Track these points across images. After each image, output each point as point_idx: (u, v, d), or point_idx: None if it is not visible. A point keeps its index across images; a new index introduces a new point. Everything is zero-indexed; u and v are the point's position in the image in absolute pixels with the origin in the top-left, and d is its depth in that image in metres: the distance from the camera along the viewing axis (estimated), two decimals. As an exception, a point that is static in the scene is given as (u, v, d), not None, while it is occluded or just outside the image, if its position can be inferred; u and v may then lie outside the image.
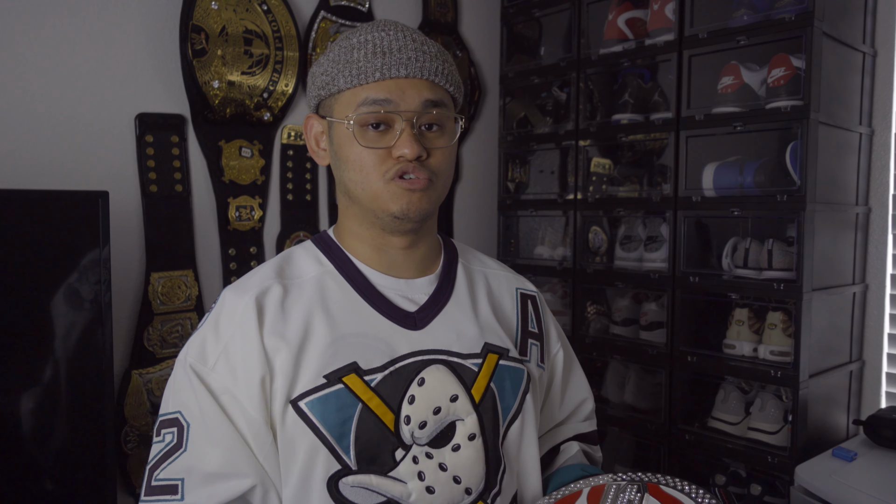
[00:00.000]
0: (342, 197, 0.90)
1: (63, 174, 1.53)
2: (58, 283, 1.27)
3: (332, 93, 0.85)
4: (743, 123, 1.68)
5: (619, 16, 1.96)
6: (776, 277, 1.65)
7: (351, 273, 0.89)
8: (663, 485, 0.76)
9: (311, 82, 0.89)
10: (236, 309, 0.83)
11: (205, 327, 0.85)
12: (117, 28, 1.61)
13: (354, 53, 0.83)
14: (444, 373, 0.85)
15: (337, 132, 0.86)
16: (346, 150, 0.84)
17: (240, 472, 0.78)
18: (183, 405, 0.81)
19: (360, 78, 0.83)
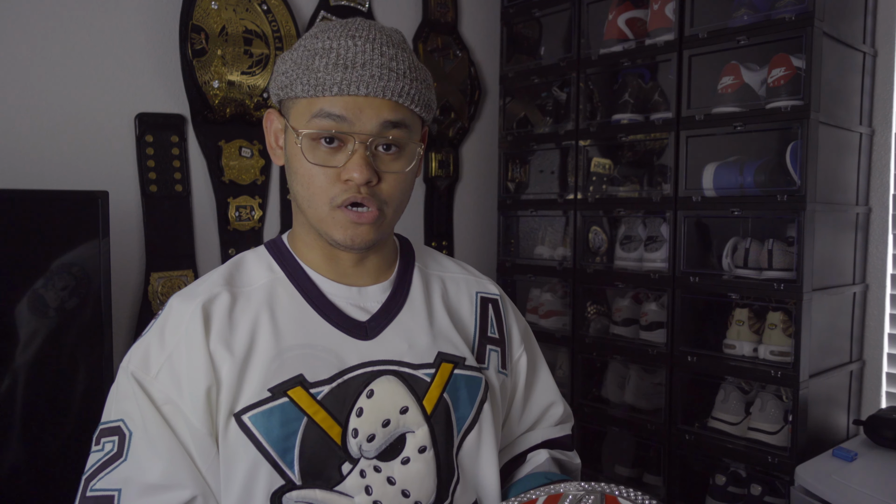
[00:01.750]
0: (293, 203, 0.86)
1: (63, 174, 1.53)
2: (57, 284, 1.27)
3: (289, 96, 0.81)
4: (743, 123, 1.68)
5: (619, 16, 1.96)
6: (776, 277, 1.65)
7: (301, 281, 0.85)
8: (622, 497, 0.75)
9: (273, 78, 0.84)
10: (182, 317, 0.80)
11: (149, 334, 0.81)
12: (117, 28, 1.61)
13: (316, 60, 0.78)
14: (394, 384, 0.82)
15: (290, 139, 0.81)
16: (296, 161, 0.80)
17: (180, 483, 0.75)
18: (125, 413, 0.78)
19: (316, 89, 0.77)
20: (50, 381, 1.28)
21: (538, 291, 2.25)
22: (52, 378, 1.28)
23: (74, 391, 1.30)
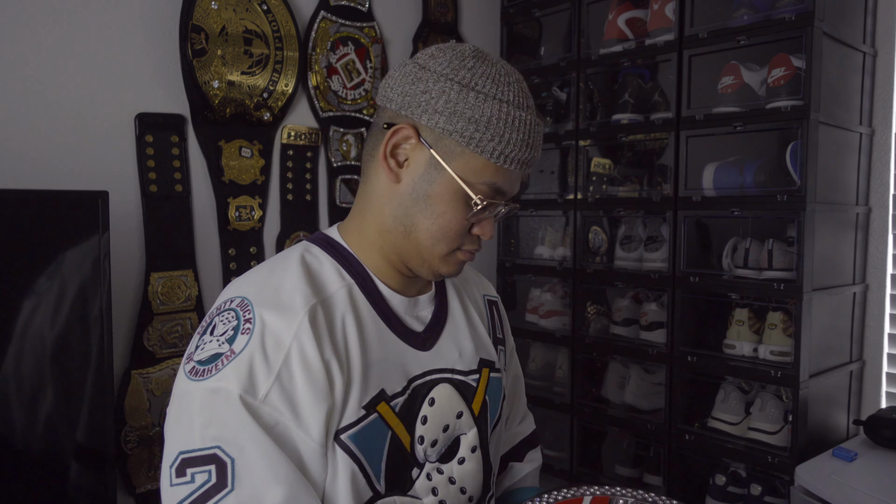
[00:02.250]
0: (395, 223, 0.82)
1: (63, 174, 1.53)
2: (58, 283, 1.27)
3: (466, 143, 0.77)
4: (743, 123, 1.68)
5: (619, 16, 1.96)
6: (776, 277, 1.65)
7: (371, 290, 0.84)
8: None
9: (447, 107, 0.77)
10: (285, 332, 0.74)
11: (246, 353, 0.72)
12: (117, 28, 1.61)
13: (510, 131, 0.77)
14: (450, 391, 0.87)
15: (442, 178, 0.79)
16: (441, 203, 0.79)
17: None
18: (220, 439, 0.70)
19: (501, 159, 0.78)
20: (49, 381, 1.28)
21: (538, 291, 2.25)
22: (52, 378, 1.28)
23: (74, 392, 1.30)
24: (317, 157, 1.98)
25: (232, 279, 1.80)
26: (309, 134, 1.95)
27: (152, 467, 1.65)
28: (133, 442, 1.62)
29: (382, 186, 0.82)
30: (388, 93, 0.81)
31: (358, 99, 2.03)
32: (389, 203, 0.82)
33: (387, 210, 0.82)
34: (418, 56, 0.82)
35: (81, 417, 1.31)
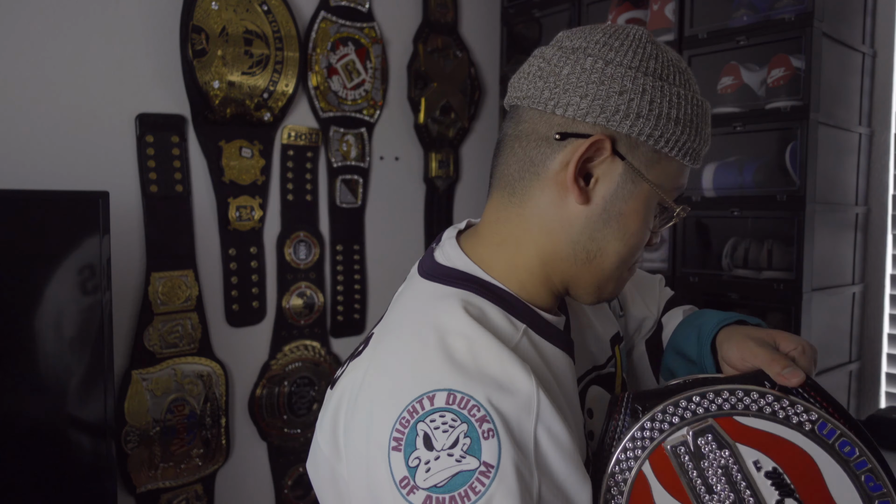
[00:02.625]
0: (575, 249, 0.67)
1: (63, 174, 1.53)
2: (58, 284, 1.28)
3: (662, 149, 0.65)
4: (743, 123, 1.68)
5: (618, 16, 1.97)
6: (776, 277, 1.65)
7: (542, 326, 0.68)
8: (738, 415, 0.57)
9: (651, 110, 0.64)
10: (526, 418, 0.58)
11: (507, 463, 0.55)
12: (117, 28, 1.61)
13: (704, 126, 0.67)
14: (599, 392, 0.76)
15: (639, 192, 0.66)
16: (635, 220, 0.67)
17: None
18: None
19: (695, 158, 0.68)
20: (50, 381, 1.28)
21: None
22: (52, 378, 1.28)
23: (74, 392, 1.31)
24: (317, 157, 1.98)
25: (233, 279, 1.81)
26: (309, 134, 1.95)
27: (152, 467, 1.65)
28: (133, 442, 1.62)
29: (556, 209, 0.66)
30: (558, 94, 0.65)
31: (358, 99, 2.03)
32: (569, 228, 0.67)
33: (563, 236, 0.67)
34: (581, 45, 0.66)
35: (81, 417, 1.31)
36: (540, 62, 0.67)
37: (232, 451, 1.84)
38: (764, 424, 0.55)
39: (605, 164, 0.65)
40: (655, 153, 0.65)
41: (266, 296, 1.89)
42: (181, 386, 1.70)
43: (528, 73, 0.68)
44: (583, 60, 0.64)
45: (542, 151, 0.66)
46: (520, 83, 0.69)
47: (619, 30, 0.67)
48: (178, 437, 1.69)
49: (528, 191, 0.68)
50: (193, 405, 1.72)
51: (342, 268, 2.05)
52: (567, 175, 0.64)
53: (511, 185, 0.69)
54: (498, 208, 0.71)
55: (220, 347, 1.80)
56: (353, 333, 2.08)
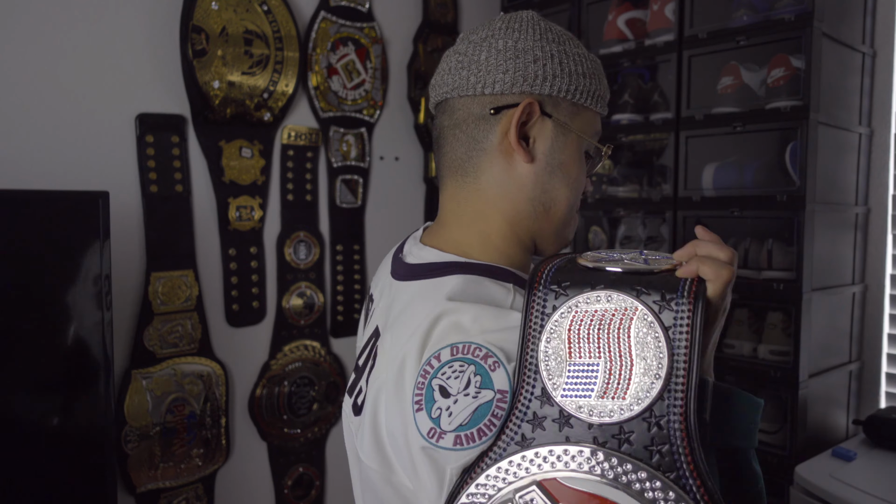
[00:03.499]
0: (534, 205, 0.75)
1: (63, 174, 1.53)
2: (58, 284, 1.28)
3: (579, 101, 0.75)
4: (743, 123, 1.68)
5: (619, 16, 1.97)
6: (776, 277, 1.65)
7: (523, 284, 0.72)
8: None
9: (562, 69, 0.73)
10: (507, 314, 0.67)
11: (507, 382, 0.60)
12: (117, 28, 1.61)
13: (600, 77, 0.77)
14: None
15: (569, 141, 0.75)
16: (573, 167, 0.76)
17: None
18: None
19: (602, 105, 0.78)
20: (50, 381, 1.28)
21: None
22: (52, 378, 1.28)
23: (74, 392, 1.31)
24: (317, 157, 1.98)
25: (233, 280, 1.81)
26: (309, 134, 1.95)
27: (152, 467, 1.66)
28: (133, 442, 1.62)
29: (508, 175, 0.74)
30: (483, 77, 0.73)
31: (358, 99, 2.03)
32: (524, 188, 0.74)
33: (521, 196, 0.74)
34: (487, 34, 0.75)
35: (81, 417, 1.31)
36: (457, 57, 0.76)
37: (232, 451, 1.84)
38: (596, 488, 0.54)
39: (538, 125, 0.74)
40: (574, 106, 0.75)
41: (266, 296, 1.90)
42: (181, 386, 1.70)
43: (449, 68, 0.76)
44: (495, 44, 0.74)
45: (482, 129, 0.74)
46: (444, 80, 0.76)
47: (513, 16, 0.77)
48: (178, 437, 1.69)
49: (479, 167, 0.75)
50: (193, 405, 1.72)
51: (342, 268, 2.05)
52: (510, 140, 0.73)
53: (462, 168, 0.76)
54: (455, 192, 0.77)
55: (220, 347, 1.80)
56: (353, 333, 2.09)
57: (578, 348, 0.58)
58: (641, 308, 0.57)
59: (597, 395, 0.56)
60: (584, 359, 0.57)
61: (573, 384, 0.57)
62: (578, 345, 0.58)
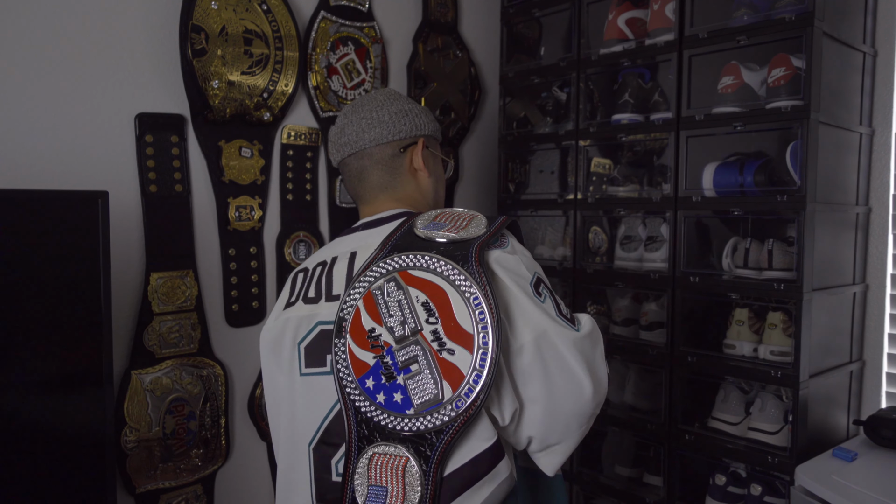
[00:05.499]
0: (434, 194, 1.20)
1: (63, 174, 1.53)
2: (57, 283, 1.27)
3: (434, 134, 1.20)
4: (743, 123, 1.68)
5: (619, 16, 1.96)
6: (776, 277, 1.65)
7: None
8: (412, 268, 0.92)
9: (430, 123, 1.18)
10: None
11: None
12: (117, 28, 1.61)
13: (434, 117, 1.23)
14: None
15: (437, 160, 1.21)
16: (441, 174, 1.23)
17: None
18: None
19: (439, 134, 1.24)
20: (49, 381, 1.27)
21: (538, 291, 2.24)
22: (52, 378, 1.28)
23: (74, 392, 1.30)
24: (317, 157, 1.98)
25: (232, 280, 1.81)
26: (309, 134, 1.95)
27: (152, 467, 1.65)
28: (133, 442, 1.62)
29: (418, 187, 1.17)
30: (391, 129, 1.12)
31: (358, 99, 2.03)
32: (427, 192, 1.18)
33: (427, 196, 1.19)
34: (380, 102, 1.15)
35: (81, 417, 1.31)
36: (364, 121, 1.13)
37: (232, 452, 1.84)
38: (426, 275, 0.91)
39: (425, 153, 1.16)
40: (433, 139, 1.20)
41: (266, 296, 1.89)
42: (181, 386, 1.70)
43: (361, 130, 1.13)
44: (389, 107, 1.14)
45: (397, 161, 1.14)
46: (359, 137, 1.12)
47: (384, 91, 1.19)
48: (177, 437, 1.69)
49: (400, 185, 1.15)
50: (193, 405, 1.72)
51: (342, 268, 2.05)
52: (418, 165, 1.15)
53: (391, 187, 1.15)
54: (386, 202, 1.14)
55: (219, 347, 1.80)
56: (353, 333, 2.08)
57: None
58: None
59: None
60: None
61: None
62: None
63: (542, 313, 0.91)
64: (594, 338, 0.96)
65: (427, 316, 0.88)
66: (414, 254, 0.92)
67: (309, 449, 0.98)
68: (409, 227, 0.98)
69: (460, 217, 0.98)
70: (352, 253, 1.03)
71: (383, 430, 0.87)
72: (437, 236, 0.93)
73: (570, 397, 0.91)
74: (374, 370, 0.88)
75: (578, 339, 0.92)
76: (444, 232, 0.94)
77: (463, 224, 0.95)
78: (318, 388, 0.98)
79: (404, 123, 1.13)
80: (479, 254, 0.89)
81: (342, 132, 1.14)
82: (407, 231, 0.98)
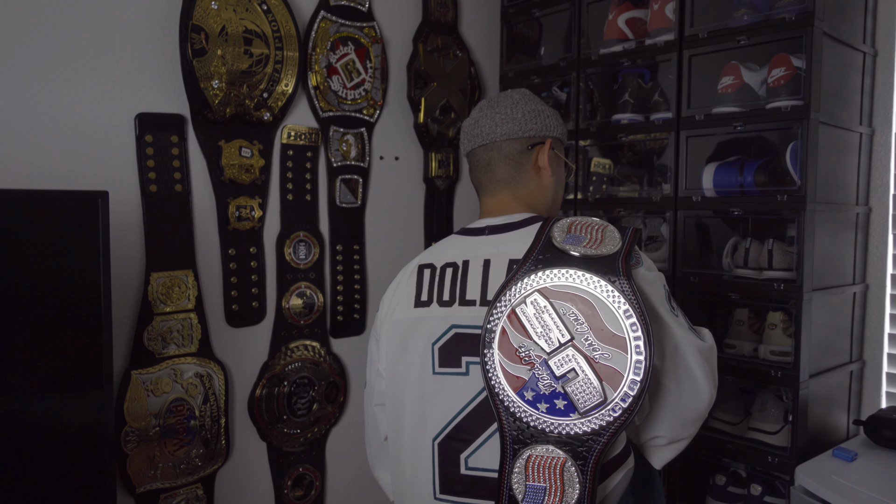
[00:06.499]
0: (553, 196, 1.22)
1: (63, 174, 1.53)
2: (57, 283, 1.27)
3: (561, 137, 1.22)
4: (743, 123, 1.68)
5: (619, 16, 1.96)
6: (776, 277, 1.65)
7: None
8: (555, 283, 0.96)
9: (559, 126, 1.21)
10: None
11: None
12: (117, 28, 1.61)
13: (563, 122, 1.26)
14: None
15: (560, 163, 1.23)
16: (563, 177, 1.25)
17: None
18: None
19: (566, 138, 1.27)
20: (49, 381, 1.27)
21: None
22: (52, 378, 1.28)
23: (74, 392, 1.30)
24: (317, 157, 1.98)
25: (232, 280, 1.81)
26: (309, 134, 1.95)
27: (152, 467, 1.65)
28: (133, 442, 1.61)
29: (539, 184, 1.19)
30: (522, 127, 1.16)
31: (358, 99, 2.03)
32: (547, 190, 1.21)
33: (547, 195, 1.21)
34: (516, 101, 1.18)
35: (81, 417, 1.31)
36: (499, 116, 1.17)
37: (231, 452, 1.84)
38: (570, 290, 0.94)
39: (550, 154, 1.19)
40: (560, 142, 1.22)
41: (266, 296, 1.89)
42: (181, 386, 1.70)
43: (496, 122, 1.17)
44: (524, 106, 1.18)
45: (524, 157, 1.18)
46: (491, 130, 1.17)
47: (522, 91, 1.23)
48: (177, 437, 1.69)
49: (522, 181, 1.18)
50: (193, 405, 1.72)
51: (342, 268, 2.05)
52: (541, 164, 1.18)
53: (514, 181, 1.18)
54: (511, 194, 1.18)
55: (219, 347, 1.80)
56: (353, 333, 2.08)
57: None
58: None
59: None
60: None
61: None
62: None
63: (679, 326, 1.01)
64: (713, 350, 1.06)
65: (577, 325, 0.92)
66: (558, 269, 0.95)
67: (433, 444, 1.05)
68: (547, 238, 1.01)
69: (594, 228, 1.01)
70: (485, 260, 1.07)
71: (539, 433, 0.93)
72: (577, 251, 0.97)
73: (693, 401, 1.02)
74: (532, 382, 0.93)
75: (704, 349, 1.03)
76: (584, 247, 0.98)
77: (599, 237, 1.00)
78: (451, 387, 1.04)
79: (535, 122, 1.17)
80: (626, 271, 0.94)
81: (476, 124, 1.18)
82: (547, 244, 1.01)
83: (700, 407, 1.02)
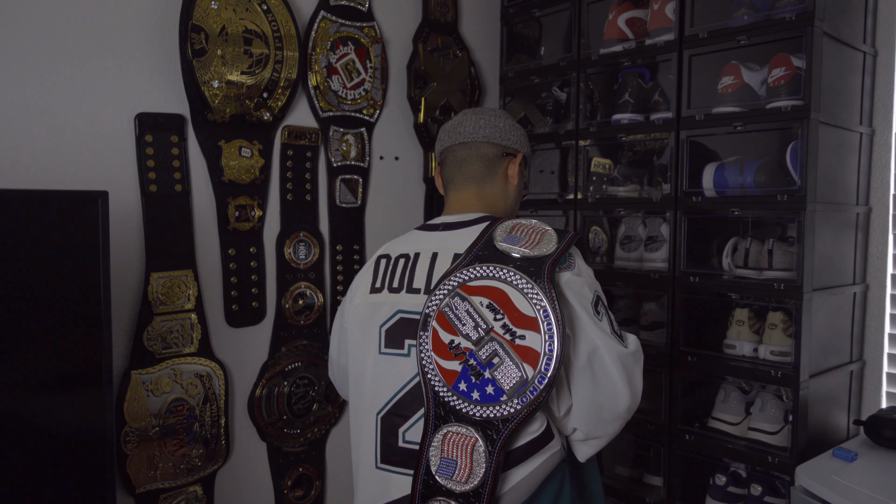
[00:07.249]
0: (512, 206, 1.32)
1: (63, 174, 1.53)
2: (57, 283, 1.27)
3: (528, 154, 1.34)
4: (743, 123, 1.68)
5: (619, 16, 1.96)
6: (776, 277, 1.65)
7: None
8: (473, 280, 1.05)
9: (529, 148, 1.34)
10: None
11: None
12: (117, 28, 1.61)
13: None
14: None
15: (522, 179, 1.33)
16: (521, 188, 1.34)
17: None
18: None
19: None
20: (49, 381, 1.27)
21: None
22: (51, 378, 1.28)
23: (74, 392, 1.30)
24: (317, 157, 1.98)
25: (232, 280, 1.80)
26: (309, 134, 1.95)
27: (152, 467, 1.65)
28: (133, 442, 1.61)
29: (504, 188, 1.29)
30: (500, 134, 1.27)
31: (358, 99, 2.03)
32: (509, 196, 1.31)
33: (508, 200, 1.31)
34: (497, 114, 1.30)
35: (81, 417, 1.31)
36: (483, 120, 1.28)
37: (231, 452, 1.84)
38: (487, 282, 1.04)
39: (520, 167, 1.31)
40: (526, 162, 1.35)
41: (266, 296, 1.89)
42: (181, 386, 1.70)
43: (479, 125, 1.27)
44: (506, 120, 1.31)
45: (497, 162, 1.28)
46: (476, 131, 1.27)
47: (502, 110, 1.38)
48: (177, 437, 1.69)
49: (491, 181, 1.28)
50: (193, 405, 1.72)
51: (342, 268, 2.05)
52: (511, 173, 1.30)
53: (483, 180, 1.28)
54: (476, 192, 1.27)
55: (219, 347, 1.80)
56: (353, 333, 2.08)
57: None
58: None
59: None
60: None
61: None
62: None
63: (599, 330, 1.06)
64: (637, 356, 1.10)
65: (493, 315, 1.02)
66: (489, 265, 1.06)
67: (377, 417, 1.14)
68: (489, 237, 1.11)
69: (534, 231, 1.11)
70: (433, 253, 1.16)
71: (458, 413, 1.03)
72: (513, 251, 1.07)
73: (609, 401, 1.06)
74: (464, 374, 1.03)
75: (624, 354, 1.07)
76: (520, 247, 1.07)
77: (536, 240, 1.09)
78: (394, 366, 1.13)
79: (513, 135, 1.29)
80: (550, 273, 1.03)
81: (460, 124, 1.29)
82: (488, 243, 1.10)
83: (618, 408, 1.06)
